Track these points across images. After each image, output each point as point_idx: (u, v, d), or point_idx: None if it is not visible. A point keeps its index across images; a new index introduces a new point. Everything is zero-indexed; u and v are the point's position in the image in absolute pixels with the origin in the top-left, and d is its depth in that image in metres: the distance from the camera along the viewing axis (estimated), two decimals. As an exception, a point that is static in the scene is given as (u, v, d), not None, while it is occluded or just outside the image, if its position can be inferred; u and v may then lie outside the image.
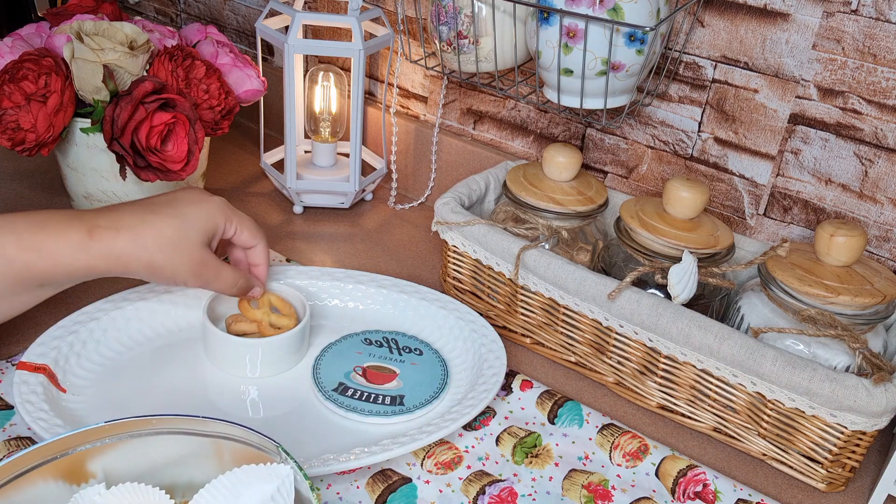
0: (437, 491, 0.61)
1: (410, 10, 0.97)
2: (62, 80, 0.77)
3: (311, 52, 0.90)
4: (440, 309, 0.78)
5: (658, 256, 0.72)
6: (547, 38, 0.71)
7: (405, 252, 0.95)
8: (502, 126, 0.97)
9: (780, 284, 0.67)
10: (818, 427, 0.63)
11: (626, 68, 0.71)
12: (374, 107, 1.06)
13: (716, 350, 0.64)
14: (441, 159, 1.03)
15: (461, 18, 0.79)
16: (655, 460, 0.66)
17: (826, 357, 0.65)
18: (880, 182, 0.73)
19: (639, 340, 0.70)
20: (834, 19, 0.70)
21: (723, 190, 0.83)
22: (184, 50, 0.82)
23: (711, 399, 0.68)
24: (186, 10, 1.27)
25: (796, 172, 0.78)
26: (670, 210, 0.74)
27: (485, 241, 0.76)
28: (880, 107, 0.71)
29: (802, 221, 0.79)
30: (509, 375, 0.74)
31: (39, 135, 0.77)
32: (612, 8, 0.67)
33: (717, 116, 0.80)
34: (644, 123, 0.85)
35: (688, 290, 0.67)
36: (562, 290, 0.72)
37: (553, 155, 0.79)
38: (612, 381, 0.74)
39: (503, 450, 0.66)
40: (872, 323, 0.65)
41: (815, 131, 0.75)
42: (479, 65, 0.82)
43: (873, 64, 0.70)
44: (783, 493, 0.65)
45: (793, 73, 0.74)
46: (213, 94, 0.83)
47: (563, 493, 0.62)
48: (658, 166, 0.87)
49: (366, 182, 1.01)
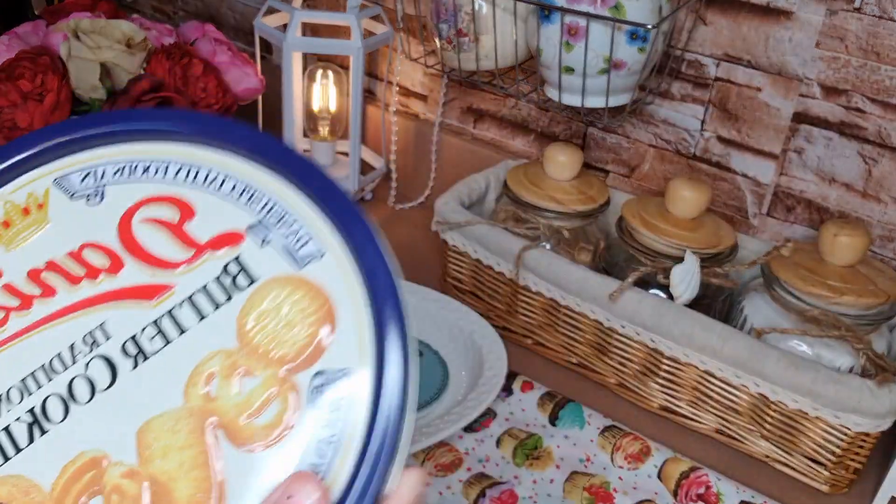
0: (438, 493, 0.61)
1: (410, 8, 0.96)
2: (59, 78, 0.77)
3: (309, 50, 0.90)
4: (440, 309, 0.78)
5: (660, 256, 0.71)
6: (548, 35, 0.71)
7: (405, 252, 0.94)
8: (503, 125, 0.97)
9: (783, 285, 0.66)
10: (822, 428, 0.62)
11: (627, 66, 0.70)
12: (373, 105, 1.06)
13: (718, 351, 0.64)
14: (441, 158, 1.02)
15: (461, 16, 0.78)
16: (658, 462, 0.66)
17: (830, 358, 0.64)
18: (884, 181, 0.73)
19: (641, 341, 0.69)
20: (837, 17, 0.70)
21: (725, 189, 0.82)
22: (181, 48, 0.82)
23: (714, 400, 0.68)
24: (184, 8, 1.26)
25: (800, 171, 0.77)
26: (673, 210, 0.73)
27: (485, 241, 0.76)
28: (884, 105, 0.70)
29: (806, 221, 0.79)
30: (510, 376, 0.73)
31: (36, 133, 0.76)
32: (613, 6, 0.67)
33: (719, 115, 0.80)
34: (646, 122, 0.85)
35: (690, 291, 0.67)
36: (563, 291, 0.72)
37: (554, 154, 0.78)
38: (613, 382, 0.74)
39: (504, 452, 0.65)
40: (876, 323, 0.65)
41: (818, 130, 0.75)
42: (480, 63, 0.81)
43: (877, 62, 0.69)
44: (786, 495, 0.65)
45: (796, 72, 0.74)
46: (211, 92, 0.83)
47: (565, 496, 0.62)
48: (660, 165, 0.86)
49: (365, 181, 1.00)
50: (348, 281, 0.26)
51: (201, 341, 0.26)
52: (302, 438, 0.24)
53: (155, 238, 0.28)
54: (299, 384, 0.24)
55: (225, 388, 0.25)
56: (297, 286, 0.26)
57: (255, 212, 0.28)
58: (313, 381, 0.24)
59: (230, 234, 0.28)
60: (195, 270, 0.27)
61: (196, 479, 0.24)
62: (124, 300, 0.27)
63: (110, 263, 0.28)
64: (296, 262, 0.27)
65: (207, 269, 0.27)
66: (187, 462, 0.24)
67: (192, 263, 0.27)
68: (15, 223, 0.29)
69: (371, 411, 0.23)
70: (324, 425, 0.24)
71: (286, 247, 0.27)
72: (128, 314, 0.27)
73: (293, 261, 0.27)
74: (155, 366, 0.26)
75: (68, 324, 0.27)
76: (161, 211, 0.28)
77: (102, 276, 0.28)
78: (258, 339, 0.26)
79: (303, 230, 0.27)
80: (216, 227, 0.28)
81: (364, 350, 0.24)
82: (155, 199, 0.28)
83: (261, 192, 0.28)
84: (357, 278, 0.26)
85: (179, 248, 0.28)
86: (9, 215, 0.29)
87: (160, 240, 0.28)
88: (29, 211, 0.29)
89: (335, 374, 0.24)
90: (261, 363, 0.25)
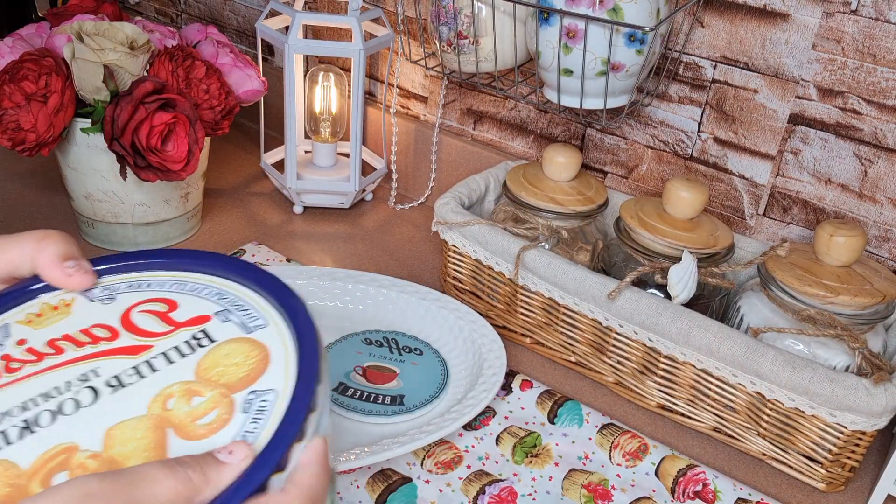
0: (437, 491, 0.61)
1: (410, 11, 0.97)
2: (62, 80, 0.77)
3: (311, 52, 0.90)
4: (440, 309, 0.78)
5: (658, 256, 0.72)
6: (547, 38, 0.71)
7: (405, 252, 0.95)
8: (502, 126, 0.97)
9: (779, 284, 0.67)
10: (818, 427, 0.63)
11: (625, 68, 0.71)
12: (374, 107, 1.06)
13: (715, 350, 0.64)
14: (441, 159, 1.03)
15: (461, 18, 0.79)
16: (655, 460, 0.66)
17: (826, 357, 0.65)
18: (880, 182, 0.73)
19: (638, 340, 0.70)
20: (833, 19, 0.71)
21: (722, 190, 0.83)
22: (184, 50, 0.82)
23: (711, 399, 0.68)
24: (187, 11, 1.27)
25: (796, 172, 0.78)
26: (670, 210, 0.74)
27: (485, 241, 0.77)
28: (880, 107, 0.71)
29: (802, 221, 0.79)
30: (509, 375, 0.74)
31: (40, 135, 0.77)
32: (611, 8, 0.67)
33: (716, 116, 0.80)
34: (644, 123, 0.86)
35: (687, 290, 0.67)
36: (562, 290, 0.72)
37: (553, 155, 0.79)
38: (611, 380, 0.74)
39: (503, 449, 0.66)
40: (872, 323, 0.65)
41: (814, 131, 0.75)
42: (479, 65, 0.82)
43: (873, 64, 0.70)
44: (783, 493, 0.65)
45: (792, 74, 0.74)
46: (214, 94, 0.83)
47: (563, 493, 0.62)
48: (658, 166, 0.87)
49: (366, 182, 1.01)
50: (283, 339, 0.36)
51: (167, 376, 0.35)
52: (233, 429, 0.32)
53: (146, 320, 0.38)
54: (236, 399, 0.33)
55: (179, 404, 0.33)
56: (246, 342, 0.37)
57: (222, 304, 0.39)
58: (247, 397, 0.33)
59: (201, 316, 0.38)
60: (172, 337, 0.37)
61: (148, 459, 0.31)
62: (115, 355, 0.36)
63: (110, 335, 0.38)
64: (248, 330, 0.37)
65: (181, 336, 0.37)
66: (142, 447, 0.31)
67: (171, 333, 0.37)
68: (46, 314, 0.39)
69: (286, 411, 0.32)
70: (251, 421, 0.32)
71: (242, 322, 0.38)
72: (116, 363, 0.36)
73: (246, 329, 0.37)
74: (129, 392, 0.34)
75: (68, 369, 0.36)
76: (154, 306, 0.39)
77: (102, 342, 0.37)
78: (211, 373, 0.35)
79: (255, 313, 0.38)
80: (192, 313, 0.39)
81: (288, 378, 0.34)
82: (151, 300, 0.40)
83: (227, 293, 0.40)
84: (290, 337, 0.36)
85: (163, 325, 0.38)
86: (42, 309, 0.39)
87: (150, 321, 0.38)
88: (58, 308, 0.39)
89: (264, 392, 0.34)
90: (209, 387, 0.34)
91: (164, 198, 0.88)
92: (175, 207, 0.89)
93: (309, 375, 0.34)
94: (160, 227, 0.89)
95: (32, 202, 0.96)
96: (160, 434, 0.32)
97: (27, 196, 0.97)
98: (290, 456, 0.31)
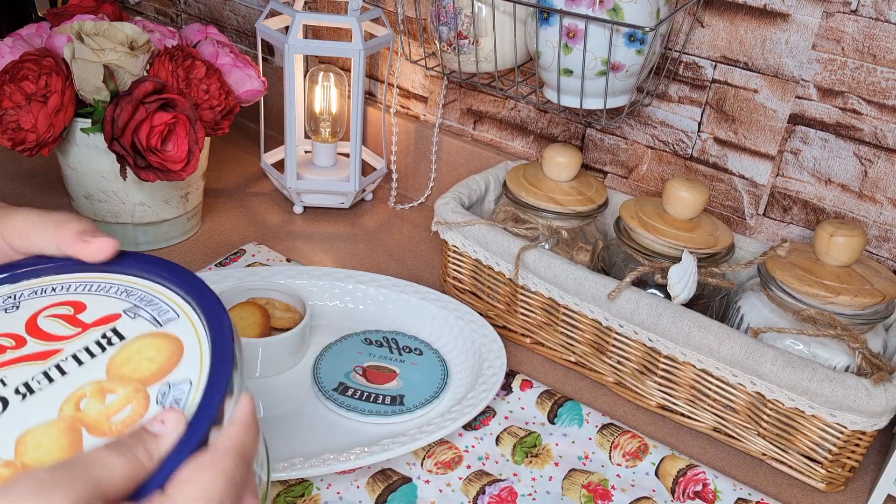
0: (437, 490, 0.61)
1: (410, 11, 0.97)
2: (63, 80, 0.77)
3: (311, 52, 0.90)
4: (440, 309, 0.78)
5: (658, 256, 0.72)
6: (547, 38, 0.71)
7: (405, 252, 0.95)
8: (502, 126, 0.97)
9: (779, 284, 0.67)
10: (818, 427, 0.63)
11: (625, 68, 0.71)
12: (374, 107, 1.06)
13: (715, 350, 0.64)
14: (441, 159, 1.03)
15: (461, 18, 0.79)
16: (655, 460, 0.66)
17: (826, 357, 0.65)
18: (880, 182, 0.73)
19: (638, 340, 0.70)
20: (833, 19, 0.71)
21: (722, 190, 0.83)
22: (184, 50, 0.82)
23: (711, 399, 0.68)
24: (186, 11, 1.27)
25: (796, 172, 0.78)
26: (670, 210, 0.74)
27: (485, 241, 0.77)
28: (880, 107, 0.71)
29: (802, 221, 0.79)
30: (509, 375, 0.74)
31: (40, 135, 0.77)
32: (611, 8, 0.67)
33: (716, 116, 0.80)
34: (644, 123, 0.86)
35: (687, 290, 0.67)
36: (561, 290, 0.72)
37: (553, 155, 0.79)
38: (611, 380, 0.74)
39: (503, 449, 0.66)
40: (872, 323, 0.65)
41: (814, 131, 0.75)
42: (479, 65, 0.82)
43: (873, 64, 0.70)
44: (783, 493, 0.65)
45: (792, 74, 0.74)
46: (214, 94, 0.83)
47: (563, 493, 0.62)
48: (658, 166, 0.87)
49: (366, 182, 1.01)
50: (195, 329, 0.37)
51: (78, 378, 0.35)
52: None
53: (53, 325, 0.38)
54: (151, 391, 0.34)
55: (92, 403, 0.33)
56: (157, 336, 0.37)
57: (131, 301, 0.39)
58: (161, 389, 0.34)
59: (110, 315, 0.38)
60: (81, 338, 0.37)
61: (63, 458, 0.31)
62: (23, 362, 0.36)
63: (15, 343, 0.37)
64: (158, 324, 0.37)
65: (90, 336, 0.37)
66: (55, 450, 0.31)
67: (79, 335, 0.37)
68: None
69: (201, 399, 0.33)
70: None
71: (152, 316, 0.38)
72: (24, 370, 0.35)
73: (156, 323, 0.37)
74: (39, 398, 0.34)
75: None
76: (61, 309, 0.39)
77: (9, 351, 0.37)
78: (123, 370, 0.35)
79: (165, 306, 0.39)
80: (100, 313, 0.38)
81: (203, 368, 0.35)
82: (57, 304, 0.39)
83: (135, 289, 0.40)
84: (202, 328, 0.37)
85: (71, 328, 0.37)
86: None
87: (57, 325, 0.38)
88: None
89: (179, 382, 0.34)
90: (122, 384, 0.34)
91: (165, 198, 0.88)
92: (175, 207, 0.89)
93: (223, 361, 0.34)
94: (160, 227, 0.89)
95: (32, 202, 0.96)
96: (74, 435, 0.32)
97: (27, 196, 0.97)
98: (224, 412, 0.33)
